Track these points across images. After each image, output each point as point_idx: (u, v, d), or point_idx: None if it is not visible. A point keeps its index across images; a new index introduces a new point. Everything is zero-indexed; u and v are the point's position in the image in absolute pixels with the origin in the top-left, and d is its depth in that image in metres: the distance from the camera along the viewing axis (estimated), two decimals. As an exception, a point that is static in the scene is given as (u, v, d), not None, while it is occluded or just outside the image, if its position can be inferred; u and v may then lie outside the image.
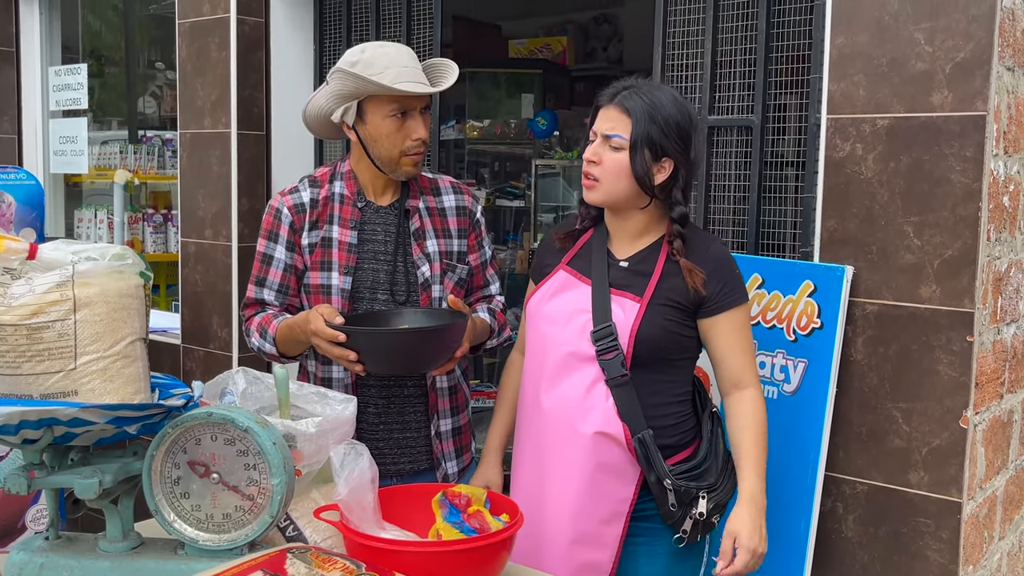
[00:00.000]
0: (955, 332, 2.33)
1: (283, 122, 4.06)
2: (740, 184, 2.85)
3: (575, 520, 2.07)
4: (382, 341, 2.16)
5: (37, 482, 1.63)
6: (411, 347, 2.14)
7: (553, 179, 5.48)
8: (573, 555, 2.08)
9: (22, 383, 1.56)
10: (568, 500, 2.08)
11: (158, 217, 5.15)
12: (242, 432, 1.63)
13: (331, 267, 2.34)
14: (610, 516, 2.08)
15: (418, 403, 2.41)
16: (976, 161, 2.29)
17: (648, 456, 2.04)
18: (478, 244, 2.50)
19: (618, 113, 2.07)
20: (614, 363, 2.04)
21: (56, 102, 5.07)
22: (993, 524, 2.59)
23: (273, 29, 4.02)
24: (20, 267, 1.61)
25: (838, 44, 2.48)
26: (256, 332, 2.35)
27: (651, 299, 2.06)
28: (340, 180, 2.40)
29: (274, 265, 2.37)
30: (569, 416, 2.08)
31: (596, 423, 2.05)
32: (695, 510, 2.06)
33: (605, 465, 2.06)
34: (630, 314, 2.06)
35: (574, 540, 2.08)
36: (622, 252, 2.16)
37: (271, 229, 2.38)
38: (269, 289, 2.38)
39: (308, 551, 1.56)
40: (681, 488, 2.04)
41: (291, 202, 2.37)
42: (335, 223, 2.36)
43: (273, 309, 2.37)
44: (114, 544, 1.70)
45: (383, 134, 2.28)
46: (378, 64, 2.23)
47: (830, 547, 2.55)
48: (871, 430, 2.47)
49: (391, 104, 2.25)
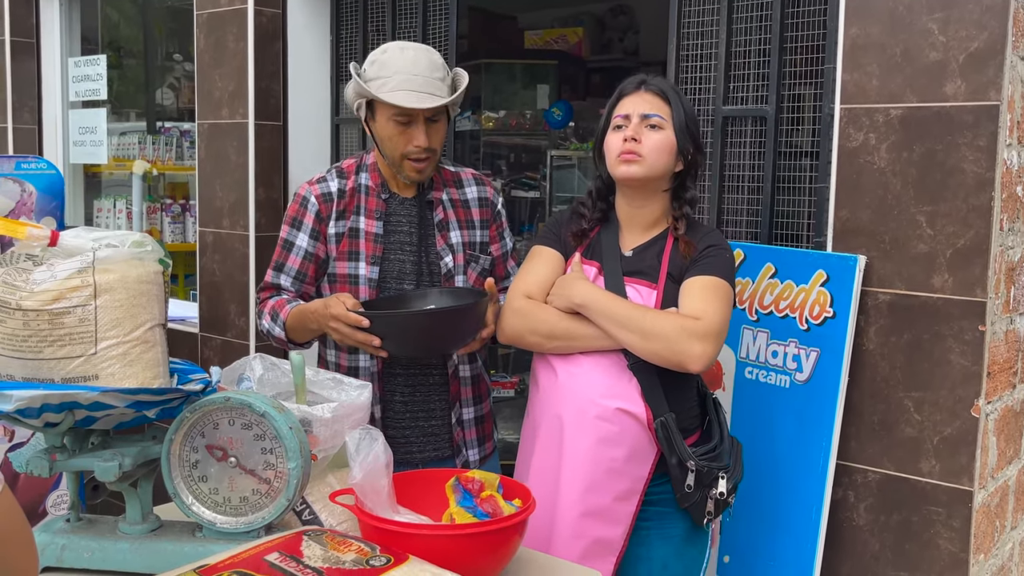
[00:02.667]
0: (967, 321, 2.34)
1: (300, 113, 4.09)
2: (754, 174, 2.86)
3: (587, 493, 2.10)
4: (405, 323, 2.18)
5: (58, 465, 1.67)
6: (434, 328, 2.17)
7: (568, 170, 5.48)
8: (584, 530, 2.11)
9: (44, 367, 1.59)
10: (583, 473, 2.11)
11: (176, 207, 5.19)
12: (259, 417, 1.66)
13: (358, 257, 2.37)
14: (625, 493, 2.11)
15: (442, 391, 2.44)
16: (989, 151, 2.29)
17: (670, 439, 2.08)
18: (499, 235, 2.53)
19: (652, 97, 2.16)
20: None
21: (75, 93, 5.11)
22: (1005, 513, 2.59)
23: (290, 20, 4.05)
24: (42, 254, 1.64)
25: (852, 34, 2.49)
26: (268, 314, 2.38)
27: (665, 285, 2.12)
28: (365, 172, 2.43)
29: (294, 252, 2.40)
30: (588, 391, 2.11)
31: (618, 400, 2.09)
32: (715, 490, 2.10)
33: (623, 441, 2.09)
34: (648, 299, 2.11)
35: (585, 513, 2.11)
36: (629, 244, 2.21)
37: (296, 216, 2.41)
38: (286, 275, 2.41)
39: (323, 534, 1.58)
40: (704, 469, 2.08)
41: (319, 191, 2.40)
42: (361, 214, 2.39)
43: (288, 294, 2.40)
44: (134, 526, 1.74)
45: (386, 136, 2.32)
46: (388, 68, 2.26)
47: (841, 535, 2.56)
48: (883, 419, 2.48)
49: (392, 110, 2.28)
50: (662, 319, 2.04)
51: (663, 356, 2.03)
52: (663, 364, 2.05)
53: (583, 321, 2.12)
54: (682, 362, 2.02)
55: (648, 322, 2.04)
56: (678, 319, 2.04)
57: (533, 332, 2.18)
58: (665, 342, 2.02)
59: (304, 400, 1.92)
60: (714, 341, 2.03)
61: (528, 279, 2.24)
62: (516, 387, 5.67)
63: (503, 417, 5.59)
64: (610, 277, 2.16)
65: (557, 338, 2.15)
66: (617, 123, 2.18)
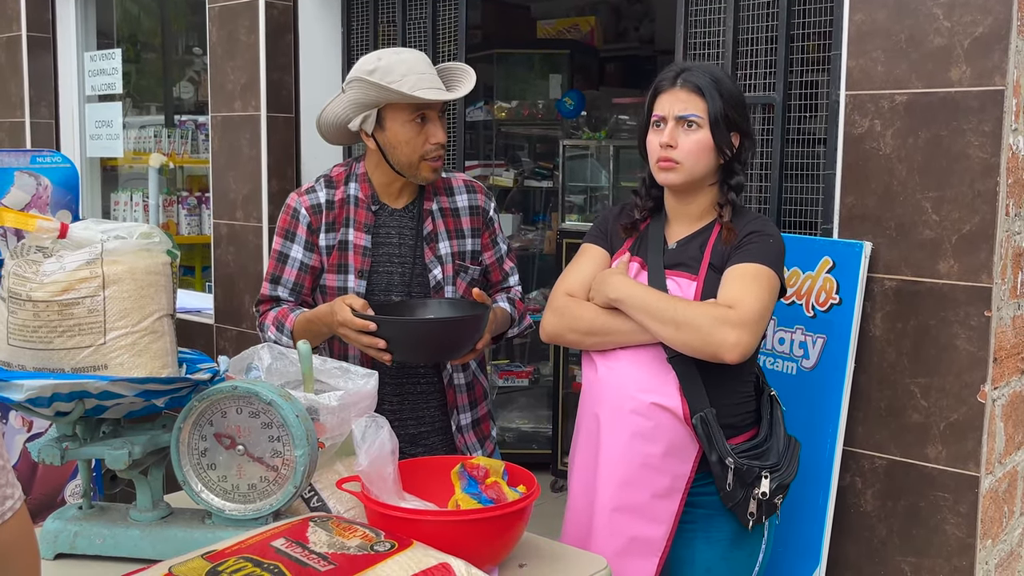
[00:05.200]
0: (973, 307, 2.34)
1: (312, 105, 4.11)
2: (762, 161, 2.86)
3: (622, 489, 2.07)
4: (412, 329, 2.21)
5: (70, 453, 1.70)
6: (439, 335, 2.20)
7: (581, 160, 5.49)
8: (620, 527, 2.07)
9: (54, 357, 1.62)
10: (618, 468, 2.07)
11: (192, 200, 5.23)
12: (266, 405, 1.68)
13: (347, 270, 2.37)
14: (665, 491, 2.06)
15: (432, 399, 2.45)
16: (994, 136, 2.29)
17: (710, 435, 2.02)
18: (492, 241, 2.52)
19: (687, 93, 2.07)
20: None
21: (92, 87, 5.15)
22: (1014, 499, 2.59)
23: (301, 12, 4.07)
24: (52, 246, 1.66)
25: (857, 20, 2.49)
26: (272, 326, 2.37)
27: (706, 276, 2.06)
28: (355, 181, 2.41)
29: (289, 264, 2.39)
30: (626, 385, 2.07)
31: (654, 394, 2.04)
32: (758, 490, 2.03)
33: (660, 436, 2.04)
34: (687, 292, 2.06)
35: (620, 509, 2.07)
36: (675, 236, 2.17)
37: (288, 228, 2.40)
38: (284, 287, 2.40)
39: (329, 519, 1.60)
40: (743, 467, 2.02)
41: (308, 202, 2.39)
42: (351, 226, 2.38)
43: (288, 305, 2.40)
44: (144, 513, 1.77)
45: (402, 140, 2.29)
46: (396, 71, 2.24)
47: (849, 521, 2.57)
48: (889, 405, 2.49)
49: (410, 111, 2.27)
50: (694, 309, 1.99)
51: (696, 347, 1.97)
52: (697, 355, 1.98)
53: (620, 316, 2.08)
54: (716, 352, 1.95)
55: (680, 312, 1.98)
56: (710, 308, 1.98)
57: (571, 329, 2.15)
58: (697, 332, 1.96)
59: (311, 389, 1.94)
60: (751, 330, 1.96)
61: (571, 278, 2.21)
62: (531, 376, 5.69)
63: (518, 406, 5.61)
64: (652, 270, 2.11)
65: (595, 334, 2.11)
66: (655, 122, 2.12)
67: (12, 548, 1.00)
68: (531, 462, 2.27)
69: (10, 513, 0.99)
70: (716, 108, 2.05)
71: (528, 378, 5.67)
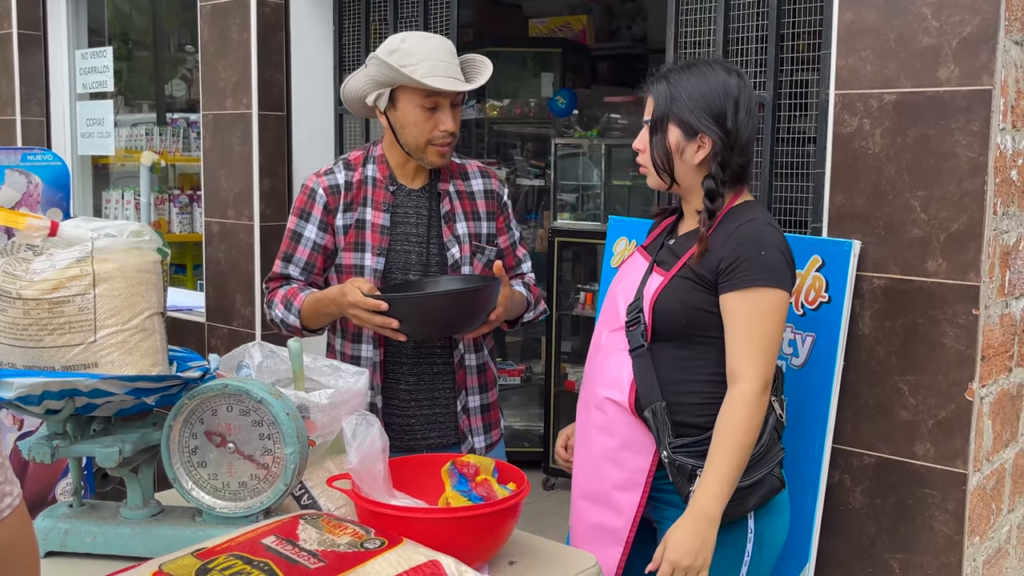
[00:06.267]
0: (961, 305, 2.35)
1: (303, 103, 4.12)
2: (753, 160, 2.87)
3: (587, 479, 2.16)
4: (424, 305, 2.23)
5: (60, 451, 1.70)
6: (451, 308, 2.22)
7: (573, 158, 5.49)
8: (583, 513, 2.17)
9: (44, 355, 1.62)
10: (582, 458, 2.18)
11: (184, 198, 5.23)
12: (257, 403, 1.69)
13: (364, 248, 2.40)
14: (623, 483, 2.09)
15: (447, 379, 2.47)
16: (982, 135, 2.30)
17: (658, 428, 2.03)
18: (506, 226, 2.56)
19: (649, 99, 2.12)
20: (635, 334, 2.08)
21: (83, 85, 5.14)
22: (1001, 496, 2.61)
23: (293, 10, 4.07)
24: (42, 244, 1.66)
25: (846, 20, 2.50)
26: (280, 304, 2.40)
27: (676, 273, 2.07)
28: (373, 163, 2.45)
29: (302, 243, 2.43)
30: (595, 380, 2.15)
31: (610, 389, 2.10)
32: (692, 487, 2.00)
33: (615, 431, 2.09)
34: (652, 287, 2.09)
35: (583, 496, 2.17)
36: (681, 231, 2.19)
37: (303, 208, 2.43)
38: (295, 266, 2.44)
39: (320, 517, 1.61)
40: (676, 462, 2.01)
41: (327, 183, 2.42)
42: (368, 205, 2.41)
43: (298, 284, 2.43)
44: (135, 511, 1.77)
45: (411, 122, 2.33)
46: (415, 55, 2.27)
47: (838, 518, 2.58)
48: (878, 403, 2.50)
49: (422, 96, 2.30)
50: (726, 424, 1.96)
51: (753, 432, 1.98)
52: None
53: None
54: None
55: (738, 442, 1.95)
56: (736, 414, 1.95)
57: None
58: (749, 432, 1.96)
59: (302, 387, 1.95)
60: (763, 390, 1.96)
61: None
62: (523, 375, 5.70)
63: (510, 405, 5.62)
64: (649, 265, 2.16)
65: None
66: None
67: (11, 546, 1.00)
68: (523, 460, 2.29)
69: (9, 511, 0.99)
70: (658, 114, 2.07)
71: (520, 376, 5.69)
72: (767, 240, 2.01)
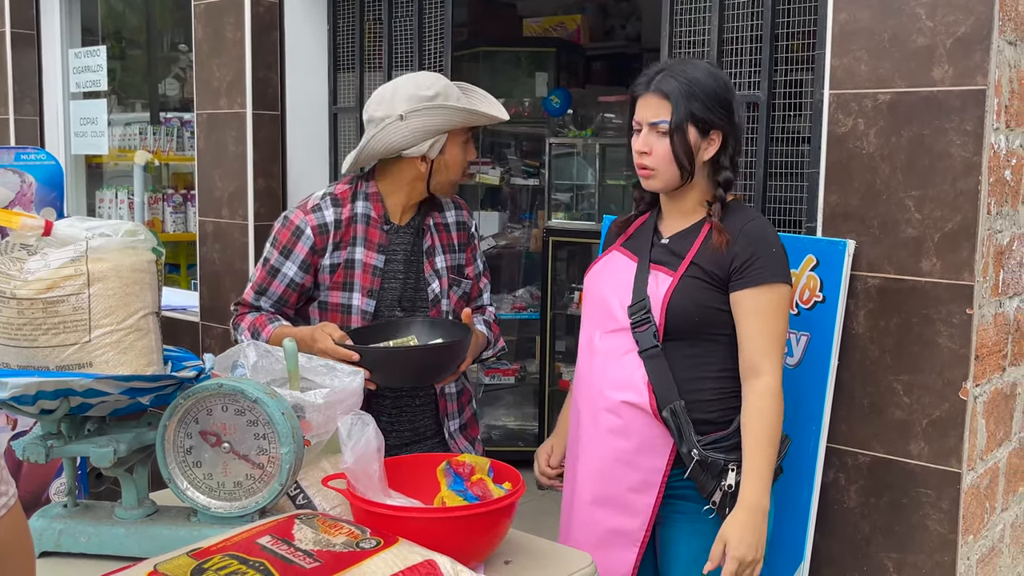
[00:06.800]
0: (955, 305, 2.36)
1: (298, 102, 4.11)
2: (747, 160, 2.87)
3: (600, 484, 2.13)
4: (395, 358, 2.22)
5: (55, 451, 1.69)
6: (422, 362, 2.22)
7: (567, 158, 5.49)
8: (598, 519, 2.13)
9: (39, 355, 1.62)
10: (594, 463, 2.13)
11: (177, 197, 5.22)
12: (252, 403, 1.68)
13: (353, 287, 2.35)
14: (641, 485, 2.09)
15: (428, 411, 2.46)
16: (976, 135, 2.31)
17: (679, 427, 2.04)
18: (473, 257, 2.54)
19: (658, 99, 2.08)
20: (646, 335, 2.07)
21: (76, 84, 5.13)
22: (995, 495, 2.62)
23: (287, 10, 4.06)
24: (36, 243, 1.66)
25: (840, 20, 2.50)
26: (247, 330, 2.35)
27: (684, 272, 2.07)
28: (364, 200, 2.37)
29: (279, 279, 2.36)
30: (600, 383, 2.13)
31: (625, 392, 2.09)
32: (724, 482, 2.04)
33: (631, 433, 2.08)
34: (662, 286, 2.08)
35: (596, 502, 2.13)
36: (669, 230, 2.18)
37: (286, 245, 2.34)
38: (268, 299, 2.38)
39: (315, 517, 1.61)
40: (708, 459, 2.04)
41: (315, 222, 2.33)
42: (360, 245, 2.35)
43: (267, 314, 2.38)
44: (129, 511, 1.77)
45: (459, 161, 2.32)
46: (453, 93, 2.26)
47: (832, 517, 2.59)
48: (872, 402, 2.50)
49: (464, 131, 2.31)
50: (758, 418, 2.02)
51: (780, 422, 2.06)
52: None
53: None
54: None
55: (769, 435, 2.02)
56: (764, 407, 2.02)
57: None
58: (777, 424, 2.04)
59: (297, 386, 1.95)
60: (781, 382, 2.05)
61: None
62: (517, 374, 5.70)
63: (504, 404, 5.62)
64: (641, 266, 2.14)
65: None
66: (635, 128, 2.13)
67: (8, 545, 1.01)
68: (517, 459, 2.27)
69: (4, 511, 0.99)
70: (680, 115, 2.05)
71: (514, 376, 5.68)
72: (774, 238, 2.10)
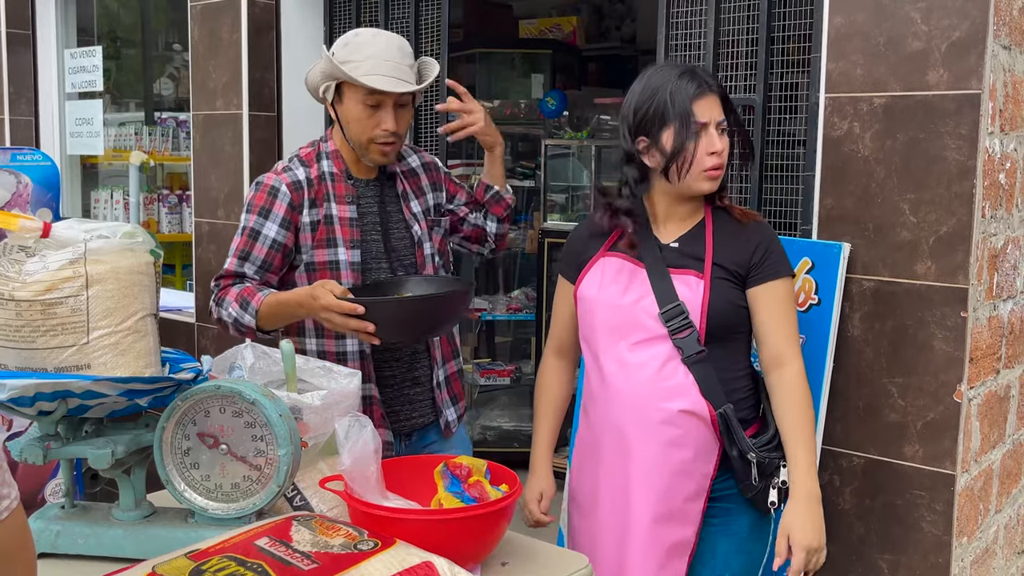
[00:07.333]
0: (950, 308, 2.37)
1: (294, 103, 4.11)
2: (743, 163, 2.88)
3: (661, 500, 2.08)
4: (401, 309, 2.21)
5: (52, 452, 1.70)
6: (428, 313, 2.21)
7: (563, 159, 5.50)
8: (660, 536, 2.08)
9: (37, 357, 1.62)
10: (654, 479, 2.08)
11: (173, 198, 5.22)
12: (249, 404, 1.69)
13: (336, 243, 2.38)
14: (693, 493, 2.09)
15: (423, 359, 2.49)
16: (971, 139, 2.32)
17: (731, 430, 2.05)
18: (455, 184, 2.64)
19: (716, 99, 2.08)
20: (689, 340, 2.05)
21: (72, 84, 5.13)
22: (989, 497, 2.63)
23: (283, 11, 4.07)
24: (34, 245, 1.66)
25: (836, 23, 2.51)
26: (235, 302, 2.31)
27: (712, 274, 2.08)
28: (327, 159, 2.43)
29: (260, 241, 2.36)
30: (647, 395, 2.08)
31: (679, 401, 2.06)
32: (777, 479, 2.07)
33: (689, 442, 2.06)
34: (696, 291, 2.07)
35: (658, 519, 2.08)
36: (668, 235, 2.16)
37: (263, 206, 2.36)
38: (252, 264, 2.36)
39: (313, 519, 1.61)
40: (765, 460, 2.06)
41: (289, 179, 2.37)
42: (332, 200, 2.39)
43: (252, 283, 2.36)
44: (127, 513, 1.77)
45: (354, 118, 2.33)
46: (362, 52, 2.27)
47: (827, 519, 2.55)
48: (867, 404, 2.51)
49: (363, 93, 2.29)
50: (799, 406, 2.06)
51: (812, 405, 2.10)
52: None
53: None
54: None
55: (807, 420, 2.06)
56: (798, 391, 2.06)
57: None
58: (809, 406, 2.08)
59: (294, 388, 1.95)
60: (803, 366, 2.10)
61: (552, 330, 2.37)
62: (512, 375, 5.70)
63: (500, 405, 5.62)
64: (653, 271, 2.11)
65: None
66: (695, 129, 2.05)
67: (10, 546, 1.01)
68: (513, 460, 2.27)
69: (6, 513, 1.00)
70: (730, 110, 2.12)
71: (510, 377, 5.68)
72: (773, 233, 2.19)
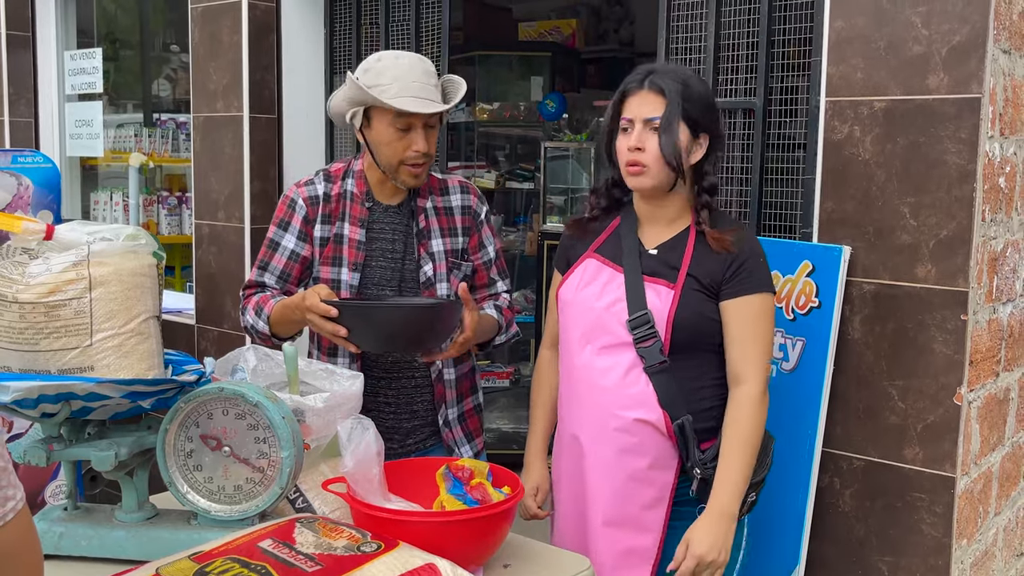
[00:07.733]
0: (949, 311, 2.37)
1: (294, 105, 4.11)
2: (743, 166, 2.89)
3: (613, 504, 2.09)
4: (370, 316, 2.18)
5: (55, 454, 1.70)
6: (398, 323, 2.17)
7: (563, 161, 5.51)
8: (614, 540, 2.09)
9: (40, 359, 1.62)
10: (607, 485, 2.09)
11: (172, 200, 5.22)
12: (252, 407, 1.69)
13: (341, 262, 2.39)
14: (652, 501, 2.08)
15: (426, 392, 2.46)
16: (971, 143, 2.33)
17: (686, 444, 2.05)
18: (479, 244, 2.52)
19: (653, 95, 2.06)
20: (652, 350, 2.04)
21: (72, 86, 5.13)
22: (988, 499, 2.63)
23: (284, 13, 4.07)
24: (38, 247, 1.66)
25: (837, 27, 2.52)
26: (252, 310, 2.39)
27: (684, 285, 2.06)
28: (352, 178, 2.45)
29: (279, 252, 2.43)
30: (607, 402, 2.08)
31: (636, 410, 2.06)
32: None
33: (645, 451, 2.06)
34: (665, 300, 2.05)
35: (610, 523, 2.09)
36: (651, 240, 2.15)
37: (283, 218, 2.44)
38: (271, 274, 2.43)
39: (316, 521, 1.62)
40: (710, 477, 2.04)
41: (306, 194, 2.43)
42: (346, 220, 2.41)
43: (272, 292, 2.42)
44: (130, 515, 1.77)
45: (384, 142, 2.32)
46: (387, 75, 2.27)
47: (827, 521, 2.60)
48: (867, 407, 2.52)
49: (393, 116, 2.29)
50: (734, 425, 2.03)
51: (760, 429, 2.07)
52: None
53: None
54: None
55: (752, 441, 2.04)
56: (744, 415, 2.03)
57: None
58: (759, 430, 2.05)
59: (297, 390, 1.96)
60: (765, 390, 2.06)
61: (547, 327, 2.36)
62: (511, 377, 5.71)
63: (499, 407, 5.62)
64: (630, 276, 2.10)
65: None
66: (623, 126, 2.09)
67: (15, 548, 1.01)
68: (512, 462, 2.27)
69: (12, 514, 1.00)
70: (672, 112, 2.04)
71: (509, 379, 5.69)
72: (760, 247, 2.12)
